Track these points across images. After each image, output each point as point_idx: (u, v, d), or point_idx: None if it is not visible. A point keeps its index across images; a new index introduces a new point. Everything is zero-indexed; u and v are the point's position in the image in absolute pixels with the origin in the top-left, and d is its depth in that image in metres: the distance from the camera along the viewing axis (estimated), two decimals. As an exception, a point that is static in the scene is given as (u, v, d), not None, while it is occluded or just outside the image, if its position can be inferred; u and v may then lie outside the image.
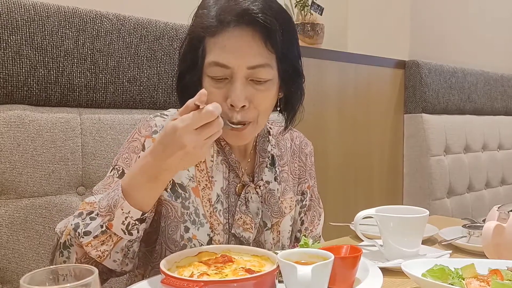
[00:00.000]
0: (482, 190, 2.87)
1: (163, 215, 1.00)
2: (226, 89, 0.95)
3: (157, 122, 1.00)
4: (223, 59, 0.93)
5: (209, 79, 0.96)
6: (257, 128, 1.02)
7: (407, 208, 1.13)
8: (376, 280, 0.87)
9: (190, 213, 1.00)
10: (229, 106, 0.94)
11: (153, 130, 0.99)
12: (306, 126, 2.12)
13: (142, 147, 0.99)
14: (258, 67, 0.94)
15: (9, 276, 1.15)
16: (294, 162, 1.19)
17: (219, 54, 0.94)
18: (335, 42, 2.53)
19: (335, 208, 2.25)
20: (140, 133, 1.01)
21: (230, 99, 0.93)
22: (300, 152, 1.21)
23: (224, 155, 1.06)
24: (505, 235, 1.05)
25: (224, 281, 0.75)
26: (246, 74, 0.94)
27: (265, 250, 0.89)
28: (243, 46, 0.93)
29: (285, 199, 1.14)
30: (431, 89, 2.56)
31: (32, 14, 1.19)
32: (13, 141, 1.15)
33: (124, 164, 0.99)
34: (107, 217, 0.85)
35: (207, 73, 0.96)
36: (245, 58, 0.93)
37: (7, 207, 1.15)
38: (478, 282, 0.83)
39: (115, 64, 1.33)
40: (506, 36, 3.29)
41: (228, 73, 0.94)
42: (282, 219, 1.13)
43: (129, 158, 0.99)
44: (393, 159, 2.59)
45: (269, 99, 0.99)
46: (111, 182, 0.98)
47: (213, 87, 0.95)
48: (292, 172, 1.18)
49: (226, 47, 0.93)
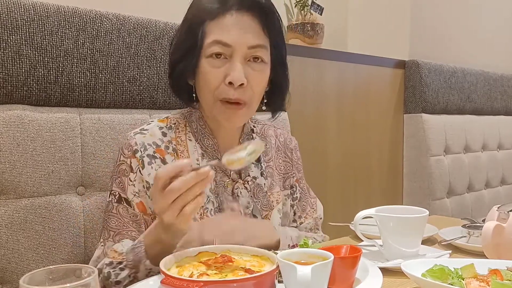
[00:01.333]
0: (482, 190, 2.87)
1: None
2: (224, 68, 1.01)
3: (137, 141, 1.07)
4: (225, 37, 1.00)
5: (208, 59, 1.02)
6: (250, 112, 1.08)
7: (407, 208, 1.13)
8: (376, 280, 0.87)
9: None
10: (227, 84, 1.01)
11: (134, 149, 1.06)
12: (305, 126, 2.14)
13: (130, 169, 1.05)
14: (258, 47, 1.02)
15: (8, 276, 1.15)
16: (279, 158, 1.24)
17: (221, 33, 1.00)
18: (335, 42, 2.53)
19: (335, 208, 2.26)
20: (124, 154, 1.07)
21: (230, 76, 1.00)
22: (285, 148, 1.26)
23: (209, 156, 1.11)
24: (505, 235, 1.05)
25: (224, 281, 0.75)
26: (245, 53, 1.01)
27: (265, 250, 0.89)
28: (245, 27, 1.01)
29: (272, 193, 1.19)
30: (431, 89, 2.56)
31: (32, 14, 1.19)
32: (12, 141, 1.15)
33: (119, 188, 1.06)
34: (134, 270, 0.96)
35: (206, 54, 1.02)
36: (246, 37, 1.01)
37: (7, 207, 1.15)
38: (478, 282, 0.83)
39: (115, 64, 1.32)
40: (506, 36, 3.29)
41: (229, 52, 1.01)
42: (270, 212, 1.17)
43: (122, 182, 1.06)
44: (393, 159, 2.59)
45: (263, 81, 1.07)
46: (112, 209, 1.06)
47: (211, 67, 1.01)
48: (277, 168, 1.22)
49: (229, 27, 1.00)
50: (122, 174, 1.06)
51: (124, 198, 1.05)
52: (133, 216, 1.06)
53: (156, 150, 1.07)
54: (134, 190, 1.05)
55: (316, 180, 2.19)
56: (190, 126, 1.12)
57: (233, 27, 1.00)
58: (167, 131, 1.11)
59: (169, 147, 1.09)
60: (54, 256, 1.21)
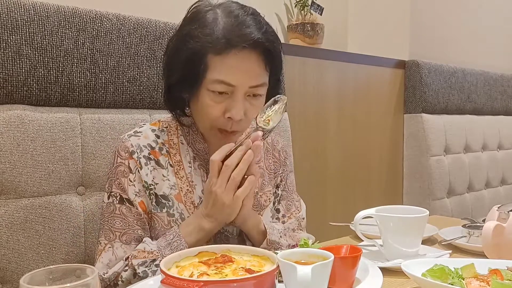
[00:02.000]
0: (482, 190, 2.87)
1: (152, 227, 1.08)
2: (225, 104, 1.04)
3: (132, 142, 1.08)
4: (230, 78, 1.01)
5: (210, 93, 1.03)
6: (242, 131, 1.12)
7: (407, 208, 1.13)
8: (376, 280, 0.87)
9: (176, 219, 1.08)
10: (226, 118, 1.04)
11: (130, 151, 1.08)
12: (305, 126, 2.14)
13: (129, 170, 1.07)
14: (258, 86, 1.05)
15: (9, 276, 1.15)
16: (268, 158, 1.26)
17: (226, 73, 1.01)
18: (335, 42, 2.53)
19: (335, 208, 2.26)
20: (121, 156, 1.08)
21: (230, 113, 1.03)
22: (273, 149, 1.28)
23: (200, 159, 1.13)
24: (505, 235, 1.05)
25: (224, 281, 0.75)
26: (246, 91, 1.03)
27: (265, 250, 0.89)
28: (248, 68, 1.03)
29: (264, 192, 1.21)
30: (431, 89, 2.56)
31: (32, 14, 1.19)
32: (13, 141, 1.15)
33: (119, 190, 1.07)
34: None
35: (208, 88, 1.03)
36: (249, 78, 1.03)
37: (7, 207, 1.15)
38: (478, 282, 0.83)
39: (115, 64, 1.32)
40: (506, 36, 3.29)
41: (230, 90, 1.02)
42: (262, 212, 1.19)
43: (121, 183, 1.07)
44: (393, 159, 2.59)
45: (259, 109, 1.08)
46: (114, 210, 1.06)
47: (213, 101, 1.04)
48: (267, 168, 1.24)
49: (233, 68, 1.01)
50: (121, 176, 1.07)
51: (126, 198, 1.06)
52: (137, 215, 1.06)
53: (151, 152, 1.09)
54: (135, 190, 1.06)
55: (316, 180, 2.19)
56: (182, 129, 1.13)
57: (238, 67, 1.01)
58: (160, 134, 1.12)
59: (162, 149, 1.11)
60: (54, 256, 1.21)
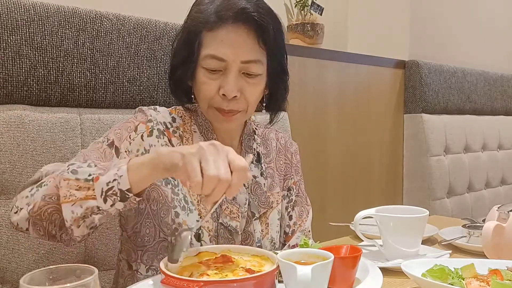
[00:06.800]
0: (482, 190, 2.88)
1: (155, 199, 1.05)
2: (219, 80, 1.03)
3: (152, 113, 1.08)
4: (220, 52, 1.01)
5: (204, 71, 1.03)
6: (246, 116, 1.10)
7: (407, 208, 1.13)
8: (376, 280, 0.87)
9: (179, 199, 1.05)
10: (221, 96, 1.02)
11: (148, 118, 1.06)
12: (305, 126, 2.14)
13: (134, 129, 1.04)
14: (251, 62, 1.03)
15: (9, 276, 1.15)
16: (279, 160, 1.25)
17: (217, 48, 1.01)
18: (335, 42, 2.53)
19: (335, 208, 2.26)
20: (136, 118, 1.07)
21: (223, 89, 1.02)
22: (285, 151, 1.27)
23: None
24: (505, 235, 1.05)
25: (224, 281, 0.75)
26: (239, 67, 1.02)
27: (265, 250, 0.89)
28: (239, 42, 1.02)
29: (272, 193, 1.19)
30: (431, 89, 2.56)
31: (32, 14, 1.19)
32: (13, 141, 1.15)
33: (115, 136, 1.03)
34: (100, 171, 0.86)
35: (202, 65, 1.03)
36: (240, 52, 1.01)
37: (7, 207, 1.15)
38: (478, 282, 0.83)
39: (115, 64, 1.33)
40: (506, 36, 3.29)
41: (223, 66, 1.02)
42: (270, 211, 1.17)
43: (120, 133, 1.04)
44: (393, 159, 2.59)
45: (258, 92, 1.08)
46: (100, 147, 1.01)
47: (207, 78, 1.03)
48: (278, 169, 1.23)
49: (224, 42, 1.01)
50: (125, 129, 1.04)
51: (116, 146, 1.02)
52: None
53: (165, 130, 1.08)
54: (127, 147, 1.03)
55: (316, 180, 2.19)
56: (195, 119, 1.13)
57: (228, 41, 1.01)
58: (176, 118, 1.12)
59: (176, 132, 1.10)
60: (54, 256, 1.21)
